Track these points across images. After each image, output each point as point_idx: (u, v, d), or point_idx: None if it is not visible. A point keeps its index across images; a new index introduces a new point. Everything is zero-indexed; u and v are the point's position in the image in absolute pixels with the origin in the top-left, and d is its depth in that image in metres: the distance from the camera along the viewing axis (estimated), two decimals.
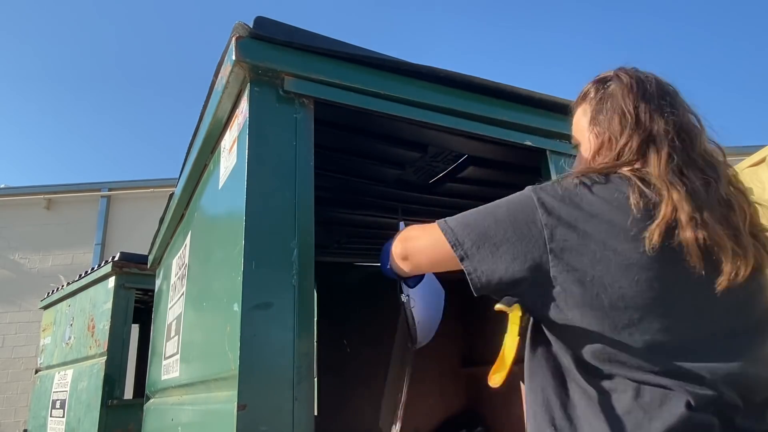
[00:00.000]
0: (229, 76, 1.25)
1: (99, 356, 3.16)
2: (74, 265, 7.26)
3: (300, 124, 1.24)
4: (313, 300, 1.17)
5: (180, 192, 1.99)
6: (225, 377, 1.13)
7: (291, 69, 1.25)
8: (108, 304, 3.21)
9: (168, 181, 7.48)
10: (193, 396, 1.55)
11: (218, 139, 1.53)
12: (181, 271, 1.93)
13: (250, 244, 1.10)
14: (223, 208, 1.40)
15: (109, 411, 2.98)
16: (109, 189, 7.96)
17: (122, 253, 3.30)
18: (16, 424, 6.72)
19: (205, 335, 1.40)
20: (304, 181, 1.21)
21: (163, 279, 2.41)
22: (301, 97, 1.26)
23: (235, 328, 1.06)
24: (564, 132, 1.68)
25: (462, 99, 1.48)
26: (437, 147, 1.83)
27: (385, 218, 2.60)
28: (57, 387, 3.70)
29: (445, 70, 1.43)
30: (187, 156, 1.84)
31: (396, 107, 1.37)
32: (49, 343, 4.17)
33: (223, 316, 1.19)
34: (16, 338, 7.15)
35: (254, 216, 1.13)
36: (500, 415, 3.25)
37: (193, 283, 1.70)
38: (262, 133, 1.20)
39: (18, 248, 7.53)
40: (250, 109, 1.20)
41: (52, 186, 7.86)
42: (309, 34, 1.29)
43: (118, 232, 7.70)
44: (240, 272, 1.08)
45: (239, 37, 1.20)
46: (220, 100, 1.35)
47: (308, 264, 1.15)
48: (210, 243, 1.51)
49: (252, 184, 1.15)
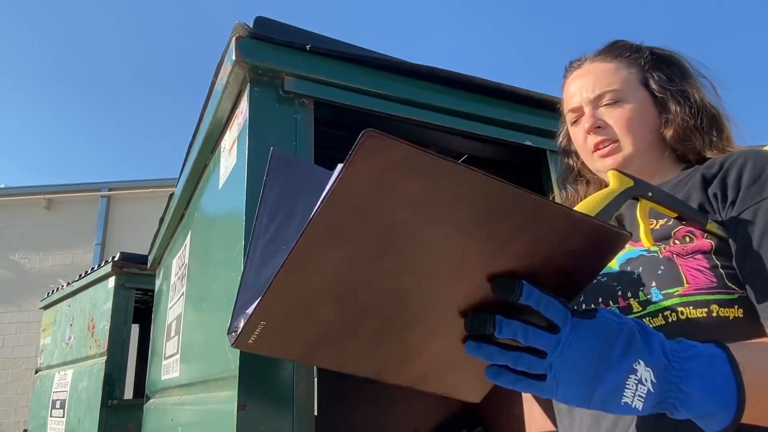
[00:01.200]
0: (229, 76, 1.25)
1: (99, 356, 3.16)
2: (74, 265, 7.26)
3: (300, 124, 1.25)
4: None
5: (180, 192, 1.99)
6: (225, 377, 1.13)
7: (291, 69, 1.25)
8: (108, 304, 3.21)
9: (168, 181, 7.48)
10: (193, 396, 1.55)
11: (218, 139, 1.53)
12: (181, 271, 1.93)
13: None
14: (223, 208, 1.40)
15: (109, 411, 2.98)
16: (109, 189, 7.96)
17: (122, 253, 3.30)
18: (16, 424, 6.72)
19: (205, 335, 1.40)
20: None
21: (163, 279, 2.41)
22: (301, 97, 1.26)
23: None
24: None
25: (462, 99, 1.48)
26: (437, 147, 1.83)
27: None
28: (57, 387, 3.70)
29: (445, 70, 1.43)
30: (187, 156, 1.84)
31: (396, 107, 1.37)
32: (49, 343, 4.17)
33: (223, 316, 1.19)
34: (16, 338, 7.15)
35: (254, 216, 1.13)
36: (500, 415, 3.25)
37: (193, 283, 1.70)
38: (262, 133, 1.20)
39: (18, 248, 7.53)
40: (250, 109, 1.21)
41: (52, 186, 7.86)
42: (309, 34, 1.30)
43: (118, 232, 7.70)
44: (240, 272, 1.08)
45: (239, 37, 1.20)
46: (220, 101, 1.35)
47: None
48: (210, 243, 1.51)
49: (252, 184, 1.15)
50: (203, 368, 1.39)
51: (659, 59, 0.87)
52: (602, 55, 0.88)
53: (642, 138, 0.83)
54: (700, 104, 0.84)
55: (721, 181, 0.73)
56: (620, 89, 0.84)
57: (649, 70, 0.86)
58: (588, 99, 0.85)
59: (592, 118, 0.84)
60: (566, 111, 0.91)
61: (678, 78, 0.86)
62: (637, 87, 0.85)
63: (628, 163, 0.83)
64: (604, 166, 0.84)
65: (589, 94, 0.85)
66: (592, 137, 0.85)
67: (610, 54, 0.88)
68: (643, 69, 0.86)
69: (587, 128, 0.85)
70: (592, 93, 0.85)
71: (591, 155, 0.86)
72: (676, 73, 0.86)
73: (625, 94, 0.84)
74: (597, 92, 0.84)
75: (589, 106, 0.85)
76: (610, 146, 0.83)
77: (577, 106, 0.87)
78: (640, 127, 0.83)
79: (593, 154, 0.86)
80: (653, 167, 0.86)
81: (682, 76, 0.86)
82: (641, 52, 0.87)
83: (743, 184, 0.71)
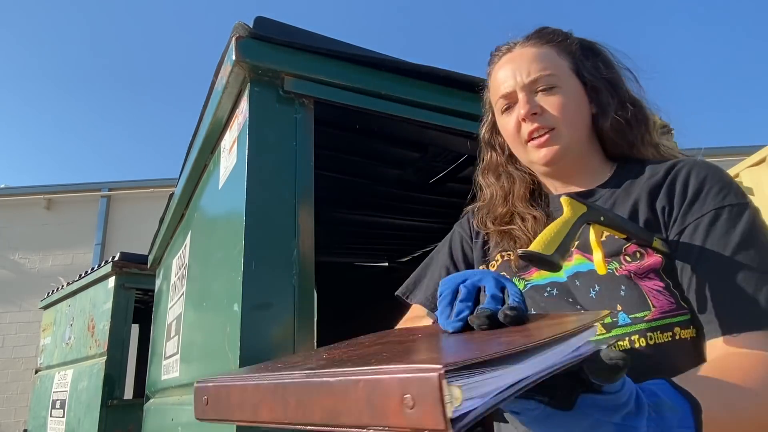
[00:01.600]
0: (229, 76, 1.25)
1: (99, 356, 3.16)
2: (74, 265, 7.26)
3: (300, 124, 1.25)
4: (313, 300, 1.17)
5: (180, 192, 1.99)
6: None
7: (291, 69, 1.25)
8: (108, 304, 3.21)
9: (168, 181, 7.48)
10: (193, 396, 1.55)
11: (218, 139, 1.53)
12: (181, 271, 1.93)
13: (250, 244, 1.10)
14: (223, 208, 1.40)
15: (109, 411, 2.98)
16: (109, 189, 7.96)
17: (122, 253, 3.30)
18: (16, 424, 6.72)
19: (205, 335, 1.40)
20: (304, 181, 1.21)
21: (163, 279, 2.41)
22: (301, 97, 1.26)
23: (235, 328, 1.06)
24: None
25: (462, 99, 1.47)
26: (437, 147, 1.83)
27: (385, 218, 2.61)
28: (57, 387, 3.70)
29: (445, 70, 1.43)
30: (187, 156, 1.84)
31: (396, 107, 1.37)
32: (49, 343, 4.17)
33: (223, 316, 1.19)
34: (16, 338, 7.15)
35: (254, 216, 1.13)
36: None
37: (193, 283, 1.70)
38: (262, 133, 1.20)
39: (18, 248, 7.53)
40: (250, 109, 1.20)
41: (52, 186, 7.86)
42: (309, 34, 1.29)
43: (118, 232, 7.70)
44: (240, 272, 1.08)
45: (239, 37, 1.20)
46: (220, 100, 1.35)
47: (308, 264, 1.15)
48: (210, 243, 1.51)
49: (252, 184, 1.15)
50: (203, 368, 1.39)
51: (587, 48, 0.84)
52: (533, 40, 0.82)
53: (579, 128, 0.79)
54: (628, 97, 0.81)
55: (667, 195, 0.72)
56: (556, 74, 0.78)
57: (579, 59, 0.81)
58: (522, 83, 0.79)
59: (528, 104, 0.78)
60: (495, 98, 0.84)
61: (605, 68, 0.82)
62: (570, 74, 0.80)
63: (563, 155, 0.78)
64: (539, 158, 0.79)
65: (524, 78, 0.78)
66: (527, 125, 0.79)
67: (541, 39, 0.82)
68: (574, 56, 0.82)
69: (523, 114, 0.78)
70: (527, 77, 0.78)
71: (524, 146, 0.80)
72: (603, 63, 0.83)
73: (560, 80, 0.78)
74: (533, 76, 0.78)
75: (524, 91, 0.79)
76: (547, 135, 0.78)
77: (509, 92, 0.80)
78: (576, 116, 0.79)
79: (527, 144, 0.80)
80: (585, 162, 0.82)
81: (608, 67, 0.83)
82: (570, 40, 0.83)
83: (686, 199, 0.70)
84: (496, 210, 0.88)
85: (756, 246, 0.65)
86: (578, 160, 0.81)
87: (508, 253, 0.83)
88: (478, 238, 0.91)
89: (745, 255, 0.65)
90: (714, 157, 7.74)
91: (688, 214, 0.70)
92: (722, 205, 0.68)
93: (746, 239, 0.66)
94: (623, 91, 0.82)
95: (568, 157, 0.79)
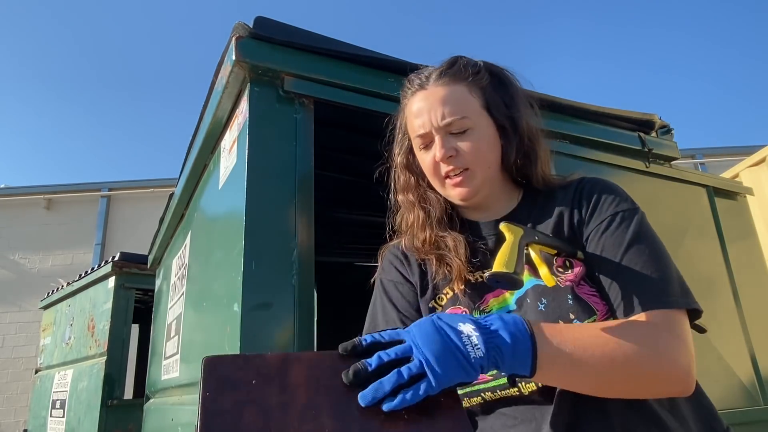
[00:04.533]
0: (229, 76, 1.25)
1: (99, 356, 3.17)
2: (74, 265, 7.27)
3: (300, 124, 1.25)
4: (313, 300, 1.17)
5: (180, 192, 1.99)
6: None
7: (291, 69, 1.25)
8: (108, 304, 3.22)
9: (168, 181, 7.49)
10: (193, 396, 1.55)
11: (218, 139, 1.53)
12: (181, 271, 1.93)
13: (250, 244, 1.10)
14: (223, 208, 1.40)
15: (109, 411, 2.99)
16: (109, 189, 7.97)
17: (122, 253, 3.30)
18: (16, 424, 6.73)
19: (205, 335, 1.41)
20: (304, 181, 1.21)
21: (163, 279, 2.41)
22: (301, 97, 1.26)
23: (235, 328, 1.06)
24: (563, 132, 1.68)
25: None
26: None
27: (385, 218, 2.60)
28: (57, 387, 3.70)
29: None
30: (187, 156, 1.84)
31: (396, 107, 1.37)
32: (49, 343, 4.17)
33: (223, 316, 1.19)
34: (16, 338, 7.16)
35: (254, 216, 1.13)
36: None
37: (193, 283, 1.70)
38: (262, 133, 1.20)
39: (18, 248, 7.53)
40: (250, 109, 1.21)
41: (52, 186, 7.87)
42: (309, 34, 1.30)
43: (118, 232, 7.71)
44: (240, 272, 1.08)
45: (239, 37, 1.20)
46: (220, 100, 1.35)
47: (308, 264, 1.15)
48: (210, 243, 1.51)
49: (252, 184, 1.15)
50: None
51: (495, 80, 0.90)
52: (446, 77, 0.88)
53: (491, 165, 0.88)
54: (527, 130, 0.90)
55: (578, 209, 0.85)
56: (468, 117, 0.85)
57: (489, 95, 0.88)
58: (438, 126, 0.85)
59: (443, 148, 0.85)
60: (413, 134, 0.90)
61: (509, 102, 0.89)
62: (481, 113, 0.87)
63: (477, 192, 0.87)
64: (455, 195, 0.88)
65: (439, 121, 0.85)
66: (443, 165, 0.86)
67: (454, 77, 0.88)
68: (485, 92, 0.88)
69: (439, 157, 0.85)
70: (441, 120, 0.85)
71: (442, 182, 0.89)
72: (508, 96, 0.90)
73: (473, 122, 0.85)
74: (447, 120, 0.84)
75: (439, 134, 0.85)
76: (462, 176, 0.86)
77: (426, 132, 0.87)
78: (489, 155, 0.87)
79: (445, 181, 0.88)
80: (497, 191, 0.92)
81: (513, 99, 0.90)
82: (481, 74, 0.89)
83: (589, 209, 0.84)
84: (420, 236, 0.93)
85: (646, 240, 0.79)
86: (491, 191, 0.91)
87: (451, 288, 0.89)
88: (411, 266, 0.93)
89: (638, 248, 0.78)
90: (714, 157, 7.71)
91: (590, 221, 0.83)
92: (616, 211, 0.82)
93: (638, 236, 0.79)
94: (522, 128, 0.89)
95: (482, 192, 0.89)
